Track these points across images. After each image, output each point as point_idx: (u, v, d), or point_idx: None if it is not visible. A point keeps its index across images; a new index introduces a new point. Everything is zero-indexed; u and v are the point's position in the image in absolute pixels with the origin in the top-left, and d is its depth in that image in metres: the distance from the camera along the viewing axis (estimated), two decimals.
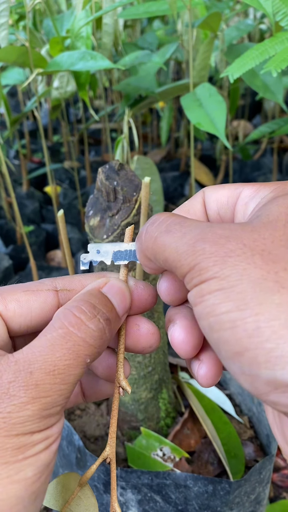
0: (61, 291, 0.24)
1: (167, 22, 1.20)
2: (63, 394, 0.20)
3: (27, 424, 0.18)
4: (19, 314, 0.23)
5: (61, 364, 0.20)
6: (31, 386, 0.19)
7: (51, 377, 0.19)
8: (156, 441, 0.48)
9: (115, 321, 0.22)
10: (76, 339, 0.20)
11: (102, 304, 0.22)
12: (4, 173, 0.66)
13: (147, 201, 0.37)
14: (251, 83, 0.63)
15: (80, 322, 0.21)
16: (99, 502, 0.42)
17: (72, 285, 0.24)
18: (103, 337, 0.21)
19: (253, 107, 1.78)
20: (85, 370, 0.21)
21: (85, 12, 0.66)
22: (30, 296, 0.23)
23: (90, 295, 0.22)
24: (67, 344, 0.20)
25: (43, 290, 0.24)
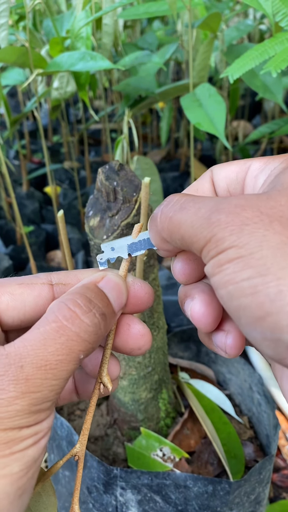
0: (56, 285, 0.23)
1: (167, 23, 1.20)
2: (54, 389, 0.19)
3: (16, 419, 0.18)
4: (13, 307, 0.22)
5: (53, 359, 0.19)
6: (21, 380, 0.18)
7: (42, 372, 0.19)
8: (156, 441, 0.48)
9: (111, 316, 0.22)
10: (70, 333, 0.20)
11: (98, 298, 0.21)
12: (4, 173, 0.66)
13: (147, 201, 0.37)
14: (251, 84, 0.63)
15: (74, 316, 0.20)
16: (99, 502, 0.42)
17: (68, 279, 0.24)
18: (97, 333, 0.20)
19: (253, 108, 1.78)
20: (77, 366, 0.20)
21: (85, 13, 0.66)
22: (24, 289, 0.23)
23: (86, 289, 0.22)
24: (61, 338, 0.19)
25: (38, 284, 0.23)
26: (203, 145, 1.44)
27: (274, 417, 0.46)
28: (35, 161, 1.35)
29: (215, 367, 0.59)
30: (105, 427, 0.51)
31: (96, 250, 0.41)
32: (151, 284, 0.44)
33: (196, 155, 1.30)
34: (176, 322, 0.80)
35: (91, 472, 0.42)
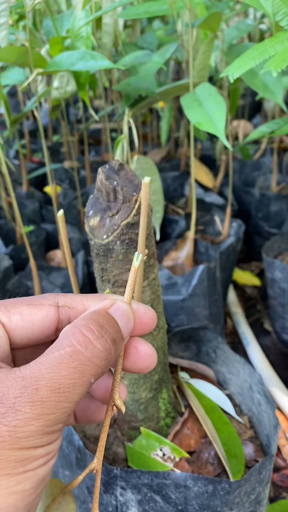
0: (62, 307, 0.25)
1: (167, 22, 1.20)
2: (66, 412, 0.20)
3: (31, 439, 0.19)
4: (21, 326, 0.24)
5: (67, 383, 0.20)
6: (36, 402, 0.19)
7: (56, 395, 0.20)
8: (156, 441, 0.48)
9: (120, 342, 0.23)
10: (83, 358, 0.21)
11: (109, 324, 0.22)
12: (4, 173, 0.66)
13: (147, 201, 0.37)
14: (251, 83, 0.63)
15: (87, 341, 0.21)
16: (99, 502, 0.42)
17: (74, 303, 0.25)
18: (108, 358, 0.22)
19: (253, 107, 1.78)
20: (88, 390, 0.21)
21: (85, 12, 0.66)
22: (32, 310, 0.24)
23: (98, 315, 0.23)
24: (74, 363, 0.20)
25: (45, 305, 0.24)
26: (203, 145, 1.44)
27: (274, 417, 0.46)
28: (35, 161, 1.35)
29: (215, 367, 0.59)
30: None
31: (96, 249, 0.41)
32: (151, 284, 0.44)
33: (196, 155, 1.30)
34: (176, 322, 0.80)
35: (91, 472, 0.42)
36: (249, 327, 0.94)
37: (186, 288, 0.78)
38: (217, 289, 0.81)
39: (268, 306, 0.94)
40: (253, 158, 1.30)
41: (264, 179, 1.16)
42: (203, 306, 0.79)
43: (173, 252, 0.89)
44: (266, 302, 1.04)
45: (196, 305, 0.78)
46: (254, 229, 1.16)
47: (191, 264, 0.86)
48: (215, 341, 0.58)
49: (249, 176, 1.25)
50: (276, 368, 0.84)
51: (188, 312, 0.79)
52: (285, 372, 0.84)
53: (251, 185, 1.23)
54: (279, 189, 1.12)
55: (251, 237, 1.18)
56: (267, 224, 1.12)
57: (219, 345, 0.58)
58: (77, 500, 0.45)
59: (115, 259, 0.40)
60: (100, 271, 0.43)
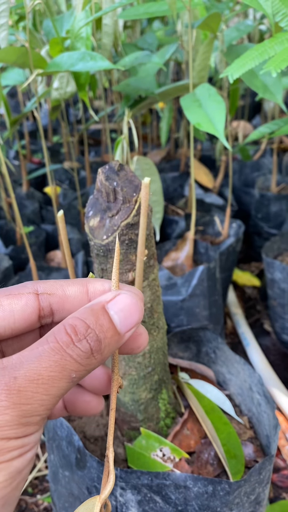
0: (41, 295, 0.24)
1: (167, 23, 1.20)
2: (44, 404, 0.20)
3: (5, 429, 0.19)
4: (2, 317, 0.23)
5: (46, 375, 0.20)
6: (13, 391, 0.19)
7: (34, 385, 0.20)
8: (156, 441, 0.48)
9: (112, 338, 0.22)
10: (64, 354, 0.21)
11: (97, 323, 0.22)
12: (4, 173, 0.66)
13: (147, 201, 0.37)
14: (251, 84, 0.63)
15: (69, 341, 0.21)
16: None
17: (53, 289, 0.25)
18: (89, 357, 0.21)
19: (253, 108, 1.78)
20: (70, 385, 0.21)
21: (85, 13, 0.66)
22: (12, 300, 0.24)
23: (91, 311, 0.22)
24: (55, 356, 0.20)
25: (24, 294, 0.24)
26: (203, 145, 1.44)
27: (274, 417, 0.46)
28: (35, 161, 1.35)
29: (215, 367, 0.59)
30: (105, 427, 0.51)
31: (96, 250, 0.41)
32: (151, 284, 0.44)
33: (196, 155, 1.30)
34: (176, 322, 0.80)
35: (91, 472, 0.42)
36: (249, 328, 0.94)
37: (186, 288, 0.78)
38: (217, 290, 0.81)
39: (268, 306, 0.94)
40: (252, 158, 1.30)
41: (263, 180, 1.16)
42: (203, 306, 0.79)
43: (173, 252, 0.89)
44: (266, 302, 1.04)
45: (196, 305, 0.78)
46: (254, 229, 1.16)
47: (191, 264, 0.86)
48: (215, 341, 0.58)
49: (249, 176, 1.25)
50: (276, 368, 0.84)
51: (188, 313, 0.79)
52: (285, 372, 0.84)
53: (251, 185, 1.23)
54: (278, 189, 1.12)
55: (251, 238, 1.18)
56: (267, 225, 1.12)
57: (219, 346, 0.58)
58: (76, 500, 0.45)
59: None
60: (100, 272, 0.43)
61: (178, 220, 1.00)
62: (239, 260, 1.19)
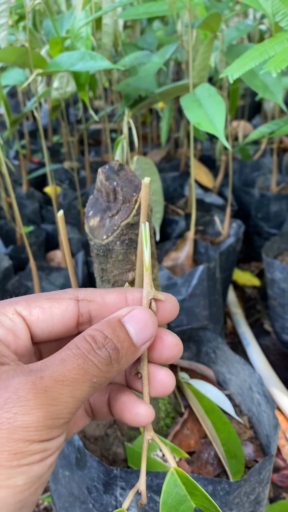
0: (81, 301, 0.25)
1: (167, 23, 1.20)
2: (68, 407, 0.20)
3: (30, 429, 0.19)
4: (42, 319, 0.24)
5: (70, 377, 0.20)
6: (40, 390, 0.19)
7: (60, 385, 0.20)
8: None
9: (129, 349, 0.23)
10: (86, 358, 0.21)
11: (114, 334, 0.23)
12: (4, 173, 0.66)
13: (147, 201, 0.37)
14: (251, 84, 0.63)
15: (90, 348, 0.22)
16: (99, 502, 0.42)
17: (93, 296, 0.26)
18: (109, 364, 0.22)
19: (253, 108, 1.78)
20: (92, 391, 0.22)
21: (85, 13, 0.66)
22: (52, 303, 0.25)
23: (108, 324, 0.23)
24: (78, 361, 0.21)
25: (65, 299, 0.25)
26: (203, 145, 1.44)
27: (274, 417, 0.46)
28: (35, 161, 1.35)
29: (215, 367, 0.59)
30: (105, 427, 0.51)
31: (96, 250, 0.41)
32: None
33: (196, 155, 1.30)
34: (176, 322, 0.80)
35: (91, 472, 0.42)
36: (249, 327, 0.94)
37: (186, 288, 0.78)
38: (217, 290, 0.81)
39: (268, 306, 0.94)
40: (253, 158, 1.30)
41: (264, 180, 1.16)
42: (203, 306, 0.79)
43: (173, 252, 0.89)
44: (266, 302, 1.04)
45: (196, 305, 0.78)
46: (254, 229, 1.16)
47: (191, 264, 0.86)
48: (215, 341, 0.58)
49: (249, 176, 1.25)
50: (276, 368, 0.84)
51: (188, 312, 0.79)
52: (285, 372, 0.84)
53: (251, 185, 1.23)
54: (279, 189, 1.12)
55: (251, 238, 1.18)
56: (267, 225, 1.12)
57: (219, 346, 0.58)
58: (76, 500, 0.45)
59: (115, 260, 0.41)
60: (100, 272, 0.43)
61: (178, 220, 1.00)
62: (239, 260, 1.19)
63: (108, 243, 0.40)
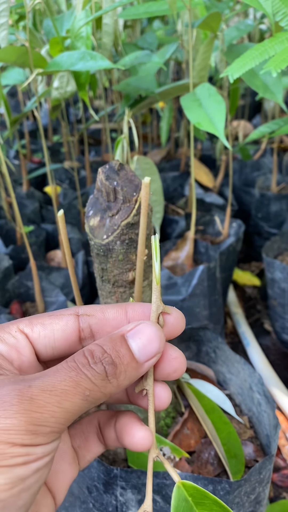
0: (81, 316, 0.26)
1: (167, 22, 1.20)
2: (55, 416, 0.20)
3: (11, 433, 0.19)
4: (43, 335, 0.25)
5: (60, 387, 0.20)
6: (25, 397, 0.20)
7: (47, 395, 0.20)
8: (156, 441, 0.48)
9: (129, 365, 0.23)
10: (79, 371, 0.21)
11: (113, 349, 0.23)
12: (4, 173, 0.66)
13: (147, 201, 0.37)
14: (251, 83, 0.63)
15: (86, 362, 0.22)
16: (99, 502, 0.42)
17: (93, 311, 0.26)
18: (104, 379, 0.22)
19: (253, 107, 1.78)
20: (86, 404, 0.21)
21: (85, 12, 0.66)
22: (53, 320, 0.25)
23: (109, 339, 0.23)
24: (71, 373, 0.21)
25: (65, 315, 0.26)
26: (203, 145, 1.44)
27: (274, 417, 0.46)
28: (35, 161, 1.35)
29: (215, 367, 0.59)
30: None
31: (96, 250, 0.41)
32: (151, 284, 0.44)
33: (196, 155, 1.30)
34: None
35: (91, 472, 0.42)
36: (249, 327, 0.94)
37: (186, 288, 0.78)
38: (217, 289, 0.81)
39: (268, 306, 0.94)
40: (253, 158, 1.30)
41: (264, 179, 1.16)
42: (203, 306, 0.79)
43: (173, 252, 0.89)
44: (266, 302, 1.04)
45: (196, 305, 0.78)
46: (254, 229, 1.16)
47: (191, 264, 0.86)
48: (215, 341, 0.58)
49: (249, 176, 1.25)
50: (276, 368, 0.84)
51: (188, 312, 0.79)
52: (285, 372, 0.84)
53: (251, 185, 1.23)
54: (279, 189, 1.12)
55: (251, 237, 1.18)
56: (267, 224, 1.12)
57: (219, 345, 0.58)
58: (77, 500, 0.45)
59: (115, 259, 0.40)
60: (100, 271, 0.43)
61: (178, 219, 1.00)
62: (240, 259, 1.19)
63: (108, 243, 0.40)
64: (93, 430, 0.28)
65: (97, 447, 0.28)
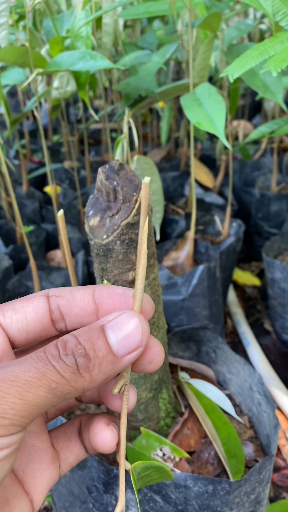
0: (51, 297, 0.25)
1: (167, 22, 1.20)
2: (15, 408, 0.19)
3: None
4: (16, 319, 0.24)
5: (23, 378, 0.19)
6: None
7: (7, 385, 0.19)
8: (156, 441, 0.48)
9: (104, 359, 0.22)
10: (47, 363, 0.20)
11: (88, 341, 0.22)
12: (4, 173, 0.66)
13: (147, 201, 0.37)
14: (251, 83, 0.63)
15: (56, 354, 0.21)
16: (99, 502, 0.42)
17: (63, 292, 0.25)
18: (75, 373, 0.21)
19: (253, 107, 1.78)
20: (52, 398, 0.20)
21: (85, 12, 0.66)
22: (24, 303, 0.25)
23: (87, 330, 0.22)
24: (37, 364, 0.20)
25: (36, 297, 0.25)
26: (203, 145, 1.44)
27: (274, 417, 0.46)
28: (35, 161, 1.35)
29: (215, 367, 0.59)
30: None
31: (96, 249, 0.41)
32: (151, 284, 0.44)
33: (196, 155, 1.30)
34: (176, 322, 0.80)
35: (91, 472, 0.42)
36: (249, 327, 0.94)
37: (186, 288, 0.78)
38: (217, 289, 0.81)
39: (268, 306, 0.94)
40: (253, 158, 1.30)
41: (264, 179, 1.16)
42: (203, 306, 0.79)
43: (173, 252, 0.89)
44: (266, 302, 1.04)
45: (196, 305, 0.78)
46: (254, 229, 1.16)
47: (191, 264, 0.86)
48: (215, 341, 0.58)
49: (249, 176, 1.25)
50: (276, 368, 0.84)
51: (188, 312, 0.79)
52: (285, 372, 0.84)
53: (251, 185, 1.23)
54: (279, 189, 1.12)
55: (251, 237, 1.18)
56: (267, 224, 1.12)
57: (219, 345, 0.58)
58: (77, 500, 0.45)
59: (115, 259, 0.40)
60: (100, 271, 0.43)
61: (178, 219, 1.00)
62: (240, 259, 1.19)
63: (108, 243, 0.39)
64: (75, 431, 0.27)
65: (80, 450, 0.27)
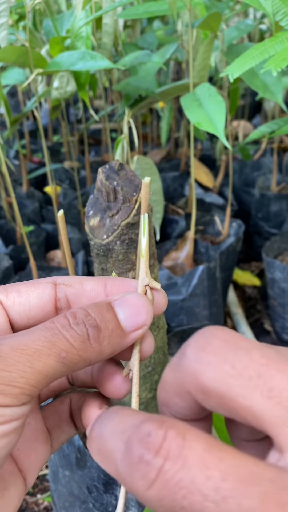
0: (59, 285, 0.24)
1: (167, 22, 1.20)
2: (25, 376, 0.19)
3: None
4: (18, 303, 0.24)
5: (33, 346, 0.19)
6: None
7: (17, 353, 0.19)
8: None
9: (114, 332, 0.21)
10: (57, 332, 0.20)
11: (97, 312, 0.21)
12: (4, 173, 0.66)
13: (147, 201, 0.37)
14: (251, 83, 0.63)
15: (66, 323, 0.20)
16: (99, 502, 0.42)
17: (71, 281, 0.25)
18: (85, 341, 0.20)
19: (253, 107, 1.78)
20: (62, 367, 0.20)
21: (85, 12, 0.66)
22: (29, 287, 0.24)
23: (94, 304, 0.22)
24: (47, 333, 0.20)
25: (42, 283, 0.24)
26: (203, 145, 1.44)
27: None
28: (35, 161, 1.35)
29: None
30: None
31: (96, 249, 0.41)
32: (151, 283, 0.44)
33: (196, 155, 1.30)
34: (176, 322, 0.80)
35: (91, 472, 0.42)
36: (249, 327, 0.94)
37: (186, 288, 0.78)
38: (217, 289, 0.81)
39: (268, 306, 0.94)
40: (253, 158, 1.30)
41: (264, 179, 1.16)
42: (203, 306, 0.79)
43: (173, 252, 0.89)
44: (266, 302, 1.04)
45: (196, 305, 0.78)
46: (254, 229, 1.16)
47: (191, 264, 0.86)
48: None
49: (249, 176, 1.25)
50: None
51: (188, 312, 0.79)
52: None
53: (251, 185, 1.23)
54: (279, 189, 1.12)
55: (251, 237, 1.18)
56: (267, 224, 1.12)
57: None
58: (77, 500, 0.45)
59: (115, 259, 0.41)
60: (100, 271, 0.43)
61: (178, 219, 1.00)
62: (239, 259, 1.19)
63: (108, 243, 0.40)
64: (66, 410, 0.26)
65: (71, 428, 0.27)
